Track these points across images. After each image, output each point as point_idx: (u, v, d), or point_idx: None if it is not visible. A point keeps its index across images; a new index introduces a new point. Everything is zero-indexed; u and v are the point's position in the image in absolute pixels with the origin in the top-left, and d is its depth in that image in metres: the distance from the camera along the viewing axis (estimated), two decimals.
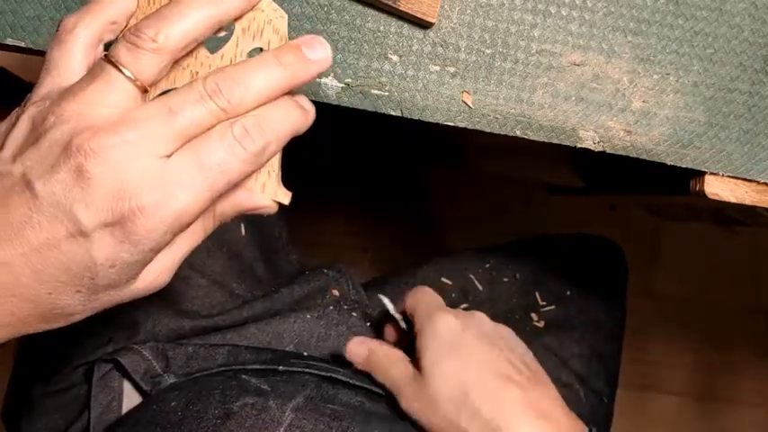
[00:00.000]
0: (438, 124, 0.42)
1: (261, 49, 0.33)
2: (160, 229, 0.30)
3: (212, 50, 0.34)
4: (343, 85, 0.41)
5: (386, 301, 0.52)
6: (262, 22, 0.33)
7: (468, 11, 0.41)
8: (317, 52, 0.32)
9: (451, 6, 0.40)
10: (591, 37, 0.41)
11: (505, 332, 0.50)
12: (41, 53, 0.40)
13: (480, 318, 0.49)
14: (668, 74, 0.42)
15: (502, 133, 0.42)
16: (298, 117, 0.33)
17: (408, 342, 0.50)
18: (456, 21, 0.41)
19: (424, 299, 0.50)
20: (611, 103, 0.42)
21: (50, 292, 0.30)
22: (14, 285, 0.30)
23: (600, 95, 0.42)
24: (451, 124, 0.41)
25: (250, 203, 0.35)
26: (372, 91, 0.41)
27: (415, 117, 0.41)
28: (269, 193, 0.35)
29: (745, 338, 1.29)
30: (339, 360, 0.54)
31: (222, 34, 0.34)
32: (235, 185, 0.32)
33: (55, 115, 0.30)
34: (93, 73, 0.31)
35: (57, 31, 0.33)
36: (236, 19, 0.33)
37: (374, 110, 0.41)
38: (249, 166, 0.31)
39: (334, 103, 0.41)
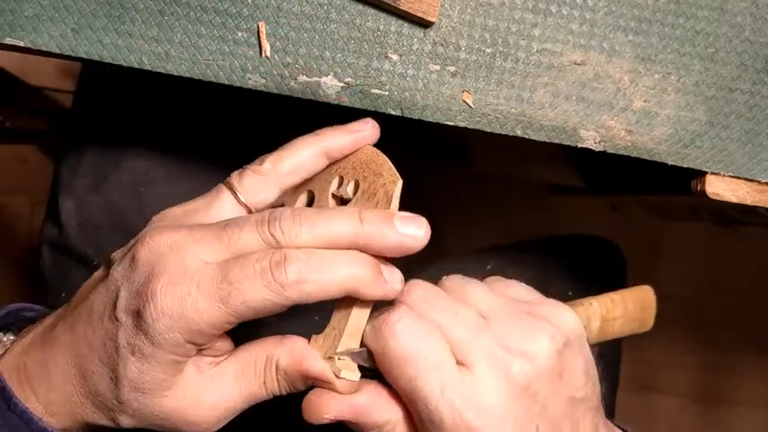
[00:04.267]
0: (438, 124, 0.41)
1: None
2: (168, 324, 0.29)
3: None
4: (342, 85, 0.41)
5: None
6: (378, 186, 0.34)
7: (469, 10, 0.40)
8: (408, 228, 0.31)
9: (452, 5, 0.40)
10: (592, 36, 0.41)
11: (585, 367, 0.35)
12: (40, 53, 0.40)
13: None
14: (669, 73, 0.42)
15: (502, 133, 0.42)
16: (360, 276, 0.31)
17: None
18: (456, 20, 0.40)
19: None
20: (612, 102, 0.41)
21: (93, 371, 0.32)
22: (75, 354, 0.32)
23: (601, 95, 0.41)
24: (452, 124, 0.41)
25: (312, 367, 0.32)
26: (372, 90, 0.41)
27: (416, 116, 0.41)
28: (329, 360, 0.32)
29: (747, 339, 1.29)
30: None
31: (349, 196, 0.35)
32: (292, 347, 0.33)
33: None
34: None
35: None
36: (353, 174, 0.36)
37: (374, 109, 0.41)
38: (272, 296, 0.29)
39: (334, 102, 0.41)
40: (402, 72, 0.41)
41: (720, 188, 0.43)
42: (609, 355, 0.68)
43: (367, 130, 0.37)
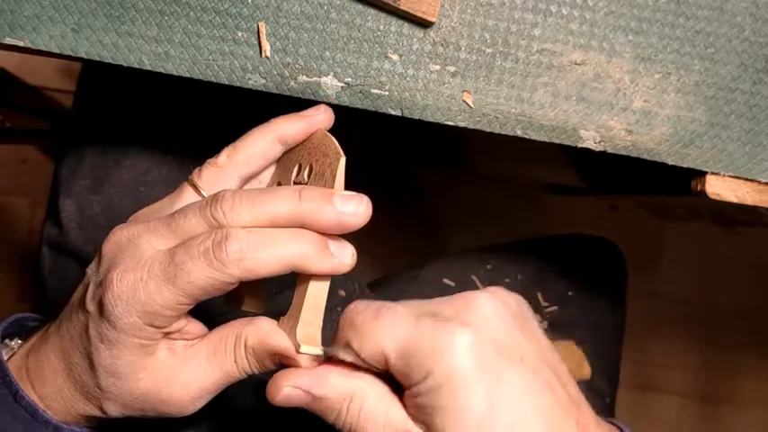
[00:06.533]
0: (438, 124, 0.41)
1: None
2: (125, 309, 0.31)
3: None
4: (342, 85, 0.41)
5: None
6: (325, 166, 0.35)
7: (469, 10, 0.40)
8: (347, 206, 0.32)
9: (452, 5, 0.40)
10: (592, 36, 0.41)
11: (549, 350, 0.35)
12: (40, 53, 0.40)
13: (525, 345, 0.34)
14: (669, 73, 0.42)
15: (502, 133, 0.42)
16: (304, 251, 0.31)
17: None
18: (456, 20, 0.40)
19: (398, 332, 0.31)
20: (612, 102, 0.41)
21: (76, 363, 0.34)
22: (61, 349, 0.34)
23: (601, 95, 0.41)
24: (452, 124, 0.41)
25: (274, 341, 0.33)
26: (372, 90, 0.41)
27: (416, 116, 0.41)
28: (292, 336, 0.33)
29: (746, 339, 1.29)
30: None
31: (305, 181, 0.36)
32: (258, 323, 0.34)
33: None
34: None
35: None
36: (307, 157, 0.37)
37: (374, 109, 0.41)
38: (215, 273, 0.30)
39: (334, 102, 0.41)
40: (402, 72, 0.41)
41: (720, 188, 0.43)
42: (610, 354, 0.68)
43: (319, 115, 0.38)
